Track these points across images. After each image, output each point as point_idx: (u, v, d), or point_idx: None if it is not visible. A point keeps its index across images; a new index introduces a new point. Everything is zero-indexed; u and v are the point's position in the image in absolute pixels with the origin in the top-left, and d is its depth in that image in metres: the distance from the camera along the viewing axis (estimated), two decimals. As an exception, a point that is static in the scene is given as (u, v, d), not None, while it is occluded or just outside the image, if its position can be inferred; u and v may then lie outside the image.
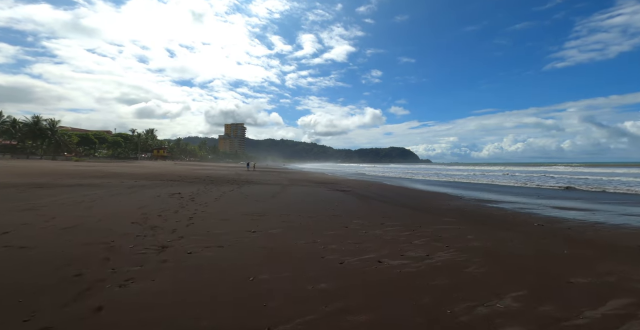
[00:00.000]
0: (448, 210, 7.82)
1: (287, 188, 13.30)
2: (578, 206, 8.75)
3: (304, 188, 13.59)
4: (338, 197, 10.32)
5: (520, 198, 11.01)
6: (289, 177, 24.05)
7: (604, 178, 19.40)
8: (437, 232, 5.05)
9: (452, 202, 9.53)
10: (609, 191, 13.30)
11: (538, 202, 9.70)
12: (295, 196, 10.29)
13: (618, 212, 7.59)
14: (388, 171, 39.00)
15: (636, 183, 16.42)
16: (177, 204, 7.33)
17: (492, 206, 8.73)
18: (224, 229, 4.96)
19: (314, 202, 8.73)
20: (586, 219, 6.54)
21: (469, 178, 22.08)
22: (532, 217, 6.86)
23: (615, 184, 16.07)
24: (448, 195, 11.90)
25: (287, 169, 49.03)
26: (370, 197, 10.45)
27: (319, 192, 12.00)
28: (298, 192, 11.57)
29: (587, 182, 17.22)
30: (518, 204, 9.18)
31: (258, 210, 7.00)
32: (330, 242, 4.36)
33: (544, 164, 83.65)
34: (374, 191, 12.91)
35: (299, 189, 12.89)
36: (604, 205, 8.96)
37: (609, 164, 79.75)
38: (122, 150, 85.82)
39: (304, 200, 9.26)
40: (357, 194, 11.60)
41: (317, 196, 10.40)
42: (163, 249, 3.77)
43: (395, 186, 16.38)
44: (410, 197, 10.88)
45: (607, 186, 14.75)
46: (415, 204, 9.11)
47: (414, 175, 27.03)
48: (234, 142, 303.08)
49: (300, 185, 15.49)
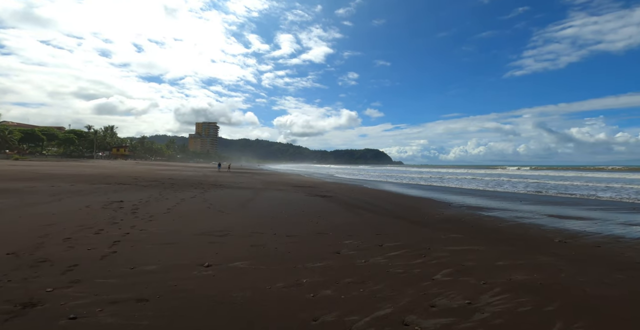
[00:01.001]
0: (446, 221, 6.82)
1: (261, 193, 11.69)
2: (571, 214, 8.23)
3: (281, 193, 12.08)
4: (320, 205, 8.98)
5: (505, 203, 10.44)
6: (264, 179, 22.27)
7: (564, 182, 20.16)
8: (456, 258, 3.89)
9: (443, 210, 8.62)
10: (577, 197, 13.37)
11: (527, 209, 9.12)
12: (271, 204, 8.77)
13: (618, 221, 7.07)
14: (365, 173, 38.53)
15: (600, 188, 17.02)
16: (108, 218, 5.51)
17: (488, 215, 7.91)
18: (161, 261, 3.39)
19: (293, 213, 7.31)
20: (601, 232, 5.82)
21: (443, 181, 21.95)
22: (542, 229, 6.03)
23: (582, 189, 16.49)
24: (434, 201, 11.07)
25: (262, 170, 46.75)
26: (356, 205, 9.23)
27: (298, 198, 10.57)
28: (274, 199, 10.05)
29: (552, 186, 17.62)
30: (511, 212, 8.48)
31: (221, 226, 5.43)
32: (322, 283, 2.99)
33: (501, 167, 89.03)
34: (357, 197, 11.75)
35: (275, 195, 11.36)
36: (594, 213, 8.54)
37: (557, 167, 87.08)
38: (75, 148, 77.38)
39: (281, 210, 7.79)
40: (341, 200, 10.34)
41: (296, 204, 8.97)
42: (23, 308, 2.15)
43: (377, 190, 15.41)
44: (397, 205, 9.84)
45: (573, 191, 14.99)
46: (407, 213, 8.05)
47: (390, 178, 26.59)
48: (206, 142, 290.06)
49: (276, 189, 13.92)
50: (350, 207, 8.80)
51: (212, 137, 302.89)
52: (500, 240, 5.04)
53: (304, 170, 48.58)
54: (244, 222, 5.93)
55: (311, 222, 6.19)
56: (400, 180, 24.51)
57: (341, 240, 4.72)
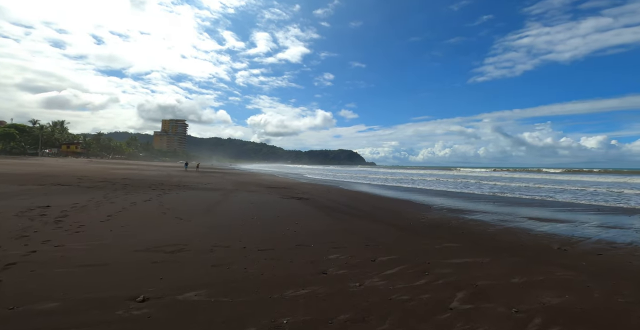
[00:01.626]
0: (434, 226, 6.32)
1: (230, 195, 10.51)
2: (546, 216, 8.23)
3: (253, 195, 10.98)
4: (297, 209, 8.10)
5: (481, 205, 10.36)
6: (235, 179, 20.81)
7: (521, 184, 21.28)
8: (463, 275, 3.27)
9: (426, 214, 8.19)
10: (539, 198, 13.90)
11: (504, 211, 9.03)
12: (241, 209, 7.71)
13: (592, 223, 7.08)
14: (339, 174, 38.24)
15: (557, 190, 18.05)
16: (17, 230, 4.17)
17: (472, 219, 7.59)
18: (68, 294, 2.33)
19: (267, 219, 6.36)
20: (588, 236, 5.64)
21: (415, 183, 22.18)
22: (532, 235, 5.72)
23: (541, 191, 17.35)
24: (413, 204, 10.72)
25: (234, 170, 44.49)
26: (336, 209, 8.49)
27: (272, 201, 9.59)
28: (245, 202, 8.97)
29: (514, 187, 18.46)
30: (492, 215, 8.29)
31: (176, 238, 4.35)
32: (309, 323, 2.15)
33: (463, 168, 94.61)
34: (336, 199, 11.04)
35: (246, 197, 10.26)
36: (565, 214, 8.64)
37: (511, 168, 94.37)
38: (16, 145, 68.32)
39: (253, 215, 6.80)
40: (319, 203, 9.55)
41: (270, 208, 8.00)
42: None
43: (354, 192, 14.87)
44: (378, 208, 9.28)
45: (534, 193, 15.69)
46: (390, 217, 7.47)
47: (365, 179, 26.44)
48: (173, 140, 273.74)
49: (248, 190, 12.77)
50: (329, 210, 8.04)
51: (180, 135, 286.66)
52: (498, 249, 4.56)
53: (278, 171, 47.09)
54: (207, 232, 4.88)
55: (288, 231, 5.30)
56: (375, 181, 24.37)
57: (326, 254, 3.91)
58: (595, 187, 18.06)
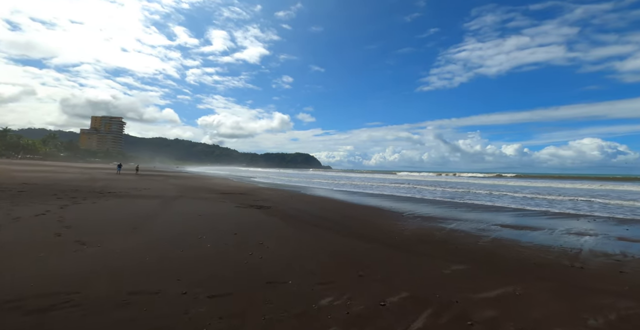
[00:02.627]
0: (420, 241, 5.55)
1: (171, 205, 8.49)
2: (517, 223, 8.23)
3: (202, 204, 9.09)
4: (259, 221, 6.65)
5: (447, 211, 10.18)
6: (181, 184, 18.02)
7: (463, 189, 22.96)
8: (518, 319, 2.34)
9: (403, 224, 7.50)
10: (490, 204, 14.70)
11: (473, 218, 8.89)
12: (185, 224, 5.97)
13: (570, 231, 7.15)
14: (297, 177, 36.85)
15: (497, 196, 19.59)
16: None
17: (452, 228, 7.10)
18: None
19: (221, 239, 4.83)
20: (580, 247, 5.41)
21: (375, 188, 22.22)
22: (526, 247, 5.29)
23: (484, 195, 18.62)
24: (383, 211, 10.06)
25: (181, 173, 39.74)
26: (305, 220, 7.26)
27: (227, 211, 7.91)
28: (190, 214, 7.15)
29: (463, 193, 19.64)
30: (466, 223, 7.98)
31: (63, 278, 2.65)
32: None
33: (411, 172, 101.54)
34: (301, 208, 9.79)
35: (194, 207, 8.36)
36: (530, 220, 8.81)
37: (449, 172, 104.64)
38: None
39: (201, 233, 5.17)
40: (284, 213, 8.19)
41: (225, 222, 6.40)
42: None
43: (318, 198, 13.78)
44: (350, 218, 8.33)
45: (480, 197, 16.73)
46: (367, 229, 6.55)
47: (325, 184, 25.67)
48: (106, 139, 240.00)
49: (196, 197, 10.72)
50: (298, 222, 6.76)
51: (115, 134, 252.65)
52: (514, 270, 3.86)
53: (232, 174, 43.53)
54: (123, 266, 3.22)
55: (252, 257, 3.90)
56: (335, 186, 23.72)
57: (314, 298, 2.67)
58: (517, 192, 20.01)
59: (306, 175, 48.04)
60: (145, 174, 33.01)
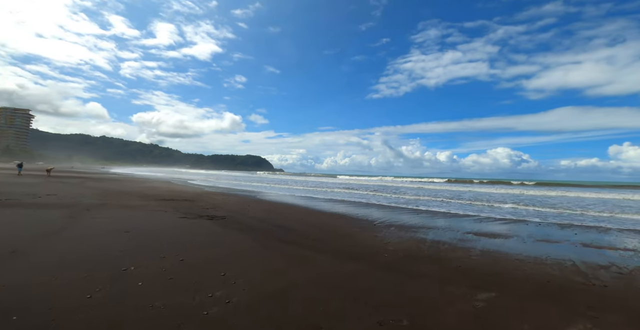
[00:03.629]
0: (414, 258, 4.88)
1: (86, 216, 6.36)
2: (486, 230, 8.29)
3: (132, 215, 7.07)
4: (214, 239, 5.18)
5: (415, 218, 9.98)
6: (105, 187, 14.69)
7: (408, 195, 24.32)
8: None
9: (380, 235, 6.85)
10: (445, 211, 15.46)
11: (443, 225, 8.76)
12: (103, 246, 4.22)
13: (536, 238, 7.32)
14: (249, 181, 34.30)
15: (437, 202, 20.94)
16: None
17: (435, 240, 6.66)
18: None
19: (161, 274, 3.36)
20: (569, 257, 5.32)
21: (328, 193, 21.83)
22: (526, 261, 4.99)
23: (435, 202, 19.72)
24: (350, 219, 9.35)
25: (107, 175, 33.53)
26: (270, 234, 6.02)
27: (167, 225, 6.16)
28: (111, 231, 5.27)
29: (411, 199, 20.57)
30: (442, 232, 7.73)
31: None
32: None
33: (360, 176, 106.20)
34: (262, 217, 8.44)
35: (119, 218, 6.35)
36: (493, 226, 9.05)
37: (396, 176, 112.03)
38: None
39: (129, 261, 3.60)
40: (243, 225, 6.78)
41: (165, 241, 4.78)
42: None
43: (277, 205, 12.46)
44: (321, 229, 7.36)
45: (430, 204, 17.62)
46: (346, 243, 5.67)
47: (281, 188, 24.25)
48: (7, 133, 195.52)
49: (125, 206, 8.46)
50: (266, 239, 5.49)
51: (18, 128, 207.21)
52: (553, 295, 3.31)
53: (174, 176, 38.47)
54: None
55: (215, 300, 2.60)
56: (293, 191, 22.49)
57: None
58: (456, 198, 21.80)
59: (259, 179, 45.57)
60: (59, 175, 27.07)
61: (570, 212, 12.52)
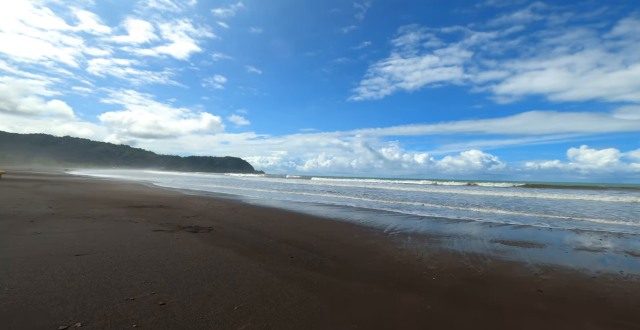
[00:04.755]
0: (466, 280, 3.83)
1: (20, 233, 4.73)
2: (515, 237, 7.52)
3: (89, 228, 5.48)
4: (205, 264, 3.84)
5: (426, 224, 9.11)
6: (63, 192, 12.49)
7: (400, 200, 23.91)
8: None
9: (406, 247, 5.81)
10: (448, 216, 14.87)
11: (463, 232, 7.95)
12: (25, 290, 2.75)
13: (556, 243, 6.62)
14: (231, 184, 32.16)
15: (438, 208, 20.50)
16: None
17: (469, 252, 5.72)
18: None
19: (123, 322, 1.99)
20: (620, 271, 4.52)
21: (315, 198, 20.76)
22: (609, 282, 4.09)
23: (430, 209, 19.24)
24: (358, 227, 8.30)
25: (70, 177, 29.99)
26: (281, 254, 4.76)
27: (138, 242, 4.69)
28: (55, 256, 3.77)
29: (405, 205, 20.03)
30: (466, 241, 6.86)
31: None
32: None
33: (342, 178, 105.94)
34: (256, 228, 7.12)
35: (71, 234, 4.79)
36: (508, 232, 8.35)
37: (376, 178, 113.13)
38: None
39: (67, 310, 2.18)
40: (237, 240, 5.46)
41: (137, 269, 3.38)
42: None
43: (267, 210, 11.10)
44: (334, 242, 6.22)
45: (426, 209, 17.08)
46: (383, 267, 4.56)
47: (268, 192, 22.71)
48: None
49: (84, 215, 6.76)
50: (275, 262, 4.22)
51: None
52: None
53: (147, 179, 35.20)
54: None
55: None
56: (276, 195, 21.05)
57: None
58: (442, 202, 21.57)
59: (240, 182, 43.38)
60: (11, 178, 23.69)
61: (568, 217, 12.24)
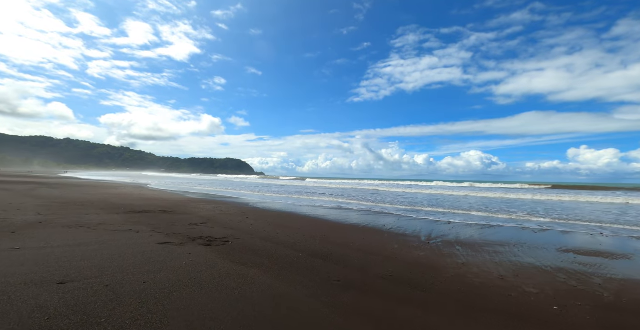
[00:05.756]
0: (595, 307, 2.81)
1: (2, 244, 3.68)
2: (580, 245, 6.50)
3: (81, 241, 4.46)
4: (233, 298, 2.79)
5: (462, 229, 8.08)
6: (58, 196, 11.47)
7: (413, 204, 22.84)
8: None
9: (468, 260, 4.81)
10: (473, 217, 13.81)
11: (519, 241, 6.95)
12: None
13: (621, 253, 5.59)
14: (233, 185, 31.08)
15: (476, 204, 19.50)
16: None
17: (552, 266, 4.71)
18: None
19: None
20: None
21: (320, 202, 19.73)
22: None
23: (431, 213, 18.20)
24: (395, 235, 7.29)
25: (68, 180, 28.98)
26: (319, 273, 3.74)
27: (136, 262, 3.66)
28: (29, 285, 2.73)
29: (415, 210, 18.99)
30: (532, 250, 5.84)
31: None
32: None
33: (343, 179, 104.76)
34: (279, 238, 6.11)
35: (55, 253, 3.76)
36: (567, 240, 7.31)
37: (375, 179, 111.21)
38: None
39: None
40: (263, 255, 4.44)
41: (138, 302, 2.32)
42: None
43: (282, 215, 10.07)
44: (393, 261, 5.19)
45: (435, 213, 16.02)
46: (458, 286, 3.55)
47: (276, 194, 21.64)
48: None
49: (73, 224, 5.75)
50: (316, 287, 3.19)
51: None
52: None
53: (147, 181, 34.07)
54: None
55: None
56: (286, 199, 20.01)
57: None
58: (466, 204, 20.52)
59: (243, 184, 42.36)
60: (6, 180, 22.78)
61: (612, 222, 11.18)
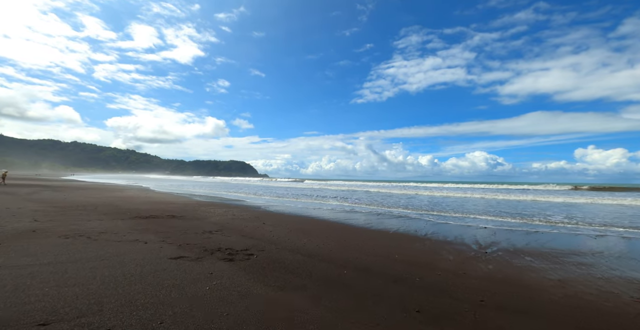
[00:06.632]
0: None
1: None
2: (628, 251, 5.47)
3: (78, 257, 3.60)
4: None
5: (509, 235, 7.08)
6: (60, 199, 10.76)
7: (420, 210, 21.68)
8: None
9: (551, 276, 3.85)
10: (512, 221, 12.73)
11: (594, 248, 5.94)
12: None
13: None
14: (241, 187, 30.31)
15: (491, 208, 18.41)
16: None
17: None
18: None
19: None
20: None
21: (334, 205, 18.75)
22: None
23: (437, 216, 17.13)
24: (443, 244, 6.34)
25: (73, 182, 28.52)
26: (380, 299, 2.80)
27: (147, 292, 2.77)
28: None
29: (441, 201, 17.93)
30: (616, 260, 4.85)
31: None
32: None
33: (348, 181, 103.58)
34: (308, 250, 5.21)
35: (41, 275, 2.90)
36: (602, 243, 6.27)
37: (379, 181, 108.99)
38: None
39: None
40: (300, 273, 3.53)
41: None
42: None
43: (300, 219, 9.16)
44: (453, 274, 4.27)
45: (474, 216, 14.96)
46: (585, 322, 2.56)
47: (284, 196, 20.75)
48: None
49: (70, 233, 4.93)
50: (379, 316, 2.26)
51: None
52: None
53: (153, 184, 33.46)
54: None
55: None
56: (297, 204, 19.12)
57: None
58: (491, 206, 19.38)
59: (249, 186, 41.65)
60: (13, 183, 22.36)
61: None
